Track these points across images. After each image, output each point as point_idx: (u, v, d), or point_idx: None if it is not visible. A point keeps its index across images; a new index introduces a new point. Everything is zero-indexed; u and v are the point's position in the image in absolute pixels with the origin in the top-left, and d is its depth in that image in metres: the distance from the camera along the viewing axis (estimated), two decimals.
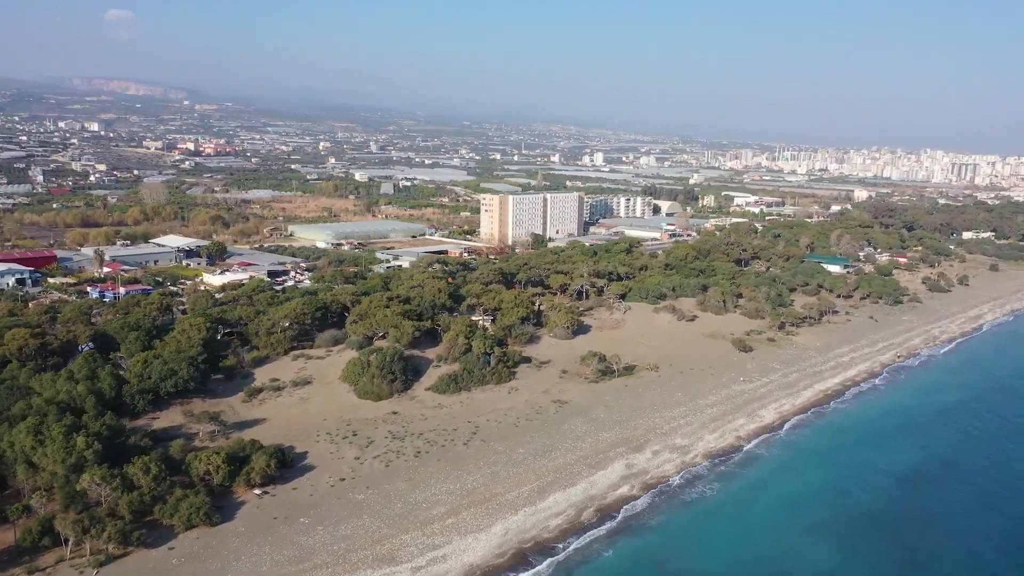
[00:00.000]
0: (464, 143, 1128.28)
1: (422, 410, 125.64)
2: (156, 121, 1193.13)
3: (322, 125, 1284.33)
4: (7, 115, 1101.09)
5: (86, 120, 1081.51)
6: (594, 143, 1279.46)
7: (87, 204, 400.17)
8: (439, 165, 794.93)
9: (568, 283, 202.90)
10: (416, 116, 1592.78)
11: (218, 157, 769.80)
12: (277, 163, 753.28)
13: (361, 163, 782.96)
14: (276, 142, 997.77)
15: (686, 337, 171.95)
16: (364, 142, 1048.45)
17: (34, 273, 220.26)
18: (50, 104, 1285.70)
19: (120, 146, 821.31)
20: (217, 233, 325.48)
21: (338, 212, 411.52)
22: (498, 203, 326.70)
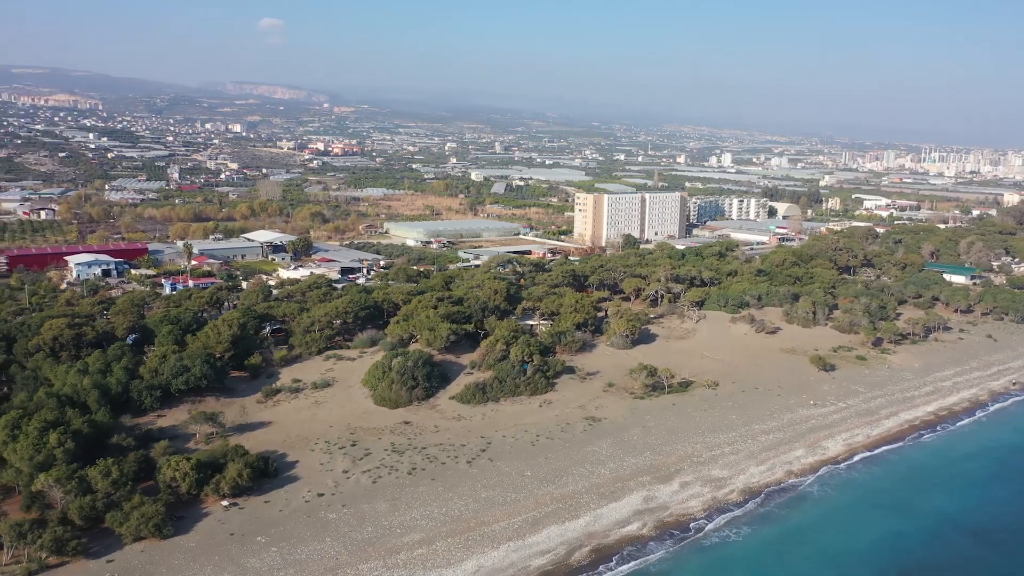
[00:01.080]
0: (590, 144, 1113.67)
1: (438, 421, 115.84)
2: (296, 123, 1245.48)
3: (452, 126, 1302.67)
4: (163, 118, 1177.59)
5: (232, 122, 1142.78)
6: (725, 144, 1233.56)
7: (205, 200, 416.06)
8: (559, 165, 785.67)
9: (642, 288, 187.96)
10: (545, 117, 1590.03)
11: (345, 157, 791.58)
12: (400, 162, 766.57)
13: (482, 163, 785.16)
14: (405, 143, 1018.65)
15: (760, 351, 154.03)
16: (490, 143, 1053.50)
17: (122, 265, 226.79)
18: (203, 107, 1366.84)
19: (256, 146, 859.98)
20: (314, 229, 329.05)
21: (441, 210, 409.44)
22: (592, 203, 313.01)
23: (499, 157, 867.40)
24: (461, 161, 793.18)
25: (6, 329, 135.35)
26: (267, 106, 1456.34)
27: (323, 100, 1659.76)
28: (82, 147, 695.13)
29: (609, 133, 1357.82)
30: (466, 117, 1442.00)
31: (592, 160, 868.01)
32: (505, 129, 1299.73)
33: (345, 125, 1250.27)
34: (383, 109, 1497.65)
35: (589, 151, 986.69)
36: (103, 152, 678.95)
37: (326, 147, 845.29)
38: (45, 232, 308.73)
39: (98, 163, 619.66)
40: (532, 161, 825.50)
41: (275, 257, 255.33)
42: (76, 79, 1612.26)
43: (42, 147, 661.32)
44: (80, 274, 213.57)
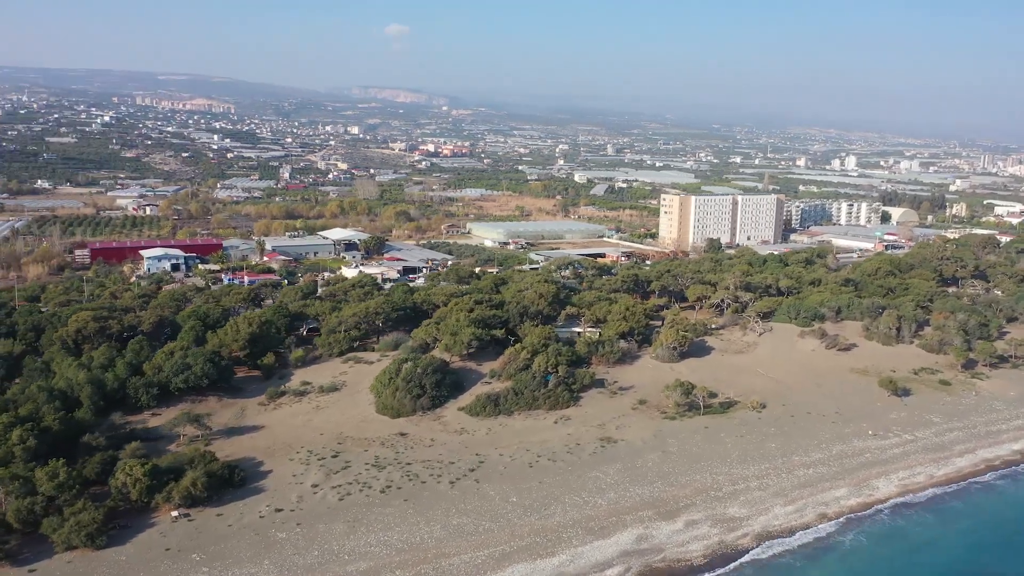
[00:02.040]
0: (707, 146, 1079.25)
1: (437, 434, 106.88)
2: (414, 125, 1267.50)
3: (566, 129, 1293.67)
4: (289, 120, 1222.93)
5: (353, 124, 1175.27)
6: (852, 147, 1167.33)
7: (302, 198, 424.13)
8: (669, 168, 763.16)
9: (707, 295, 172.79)
10: (663, 120, 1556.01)
11: (454, 158, 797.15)
12: (507, 164, 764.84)
13: (590, 165, 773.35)
14: (517, 145, 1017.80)
15: (826, 370, 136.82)
16: (602, 145, 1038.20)
17: (193, 259, 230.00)
18: (327, 111, 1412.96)
19: (370, 147, 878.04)
20: (396, 228, 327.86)
21: (532, 211, 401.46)
22: (678, 205, 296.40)
23: (609, 159, 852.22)
24: (569, 163, 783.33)
25: (36, 320, 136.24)
26: (388, 109, 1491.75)
27: (443, 103, 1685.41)
28: (206, 148, 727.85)
29: (728, 135, 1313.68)
30: (581, 120, 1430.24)
31: (705, 163, 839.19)
32: (620, 131, 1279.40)
33: (461, 128, 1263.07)
34: (499, 112, 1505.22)
35: (704, 153, 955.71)
36: (224, 152, 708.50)
37: (436, 149, 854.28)
38: (143, 227, 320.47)
39: (217, 163, 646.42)
40: (642, 163, 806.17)
41: (346, 255, 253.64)
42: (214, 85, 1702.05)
43: (169, 148, 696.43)
44: (150, 267, 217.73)
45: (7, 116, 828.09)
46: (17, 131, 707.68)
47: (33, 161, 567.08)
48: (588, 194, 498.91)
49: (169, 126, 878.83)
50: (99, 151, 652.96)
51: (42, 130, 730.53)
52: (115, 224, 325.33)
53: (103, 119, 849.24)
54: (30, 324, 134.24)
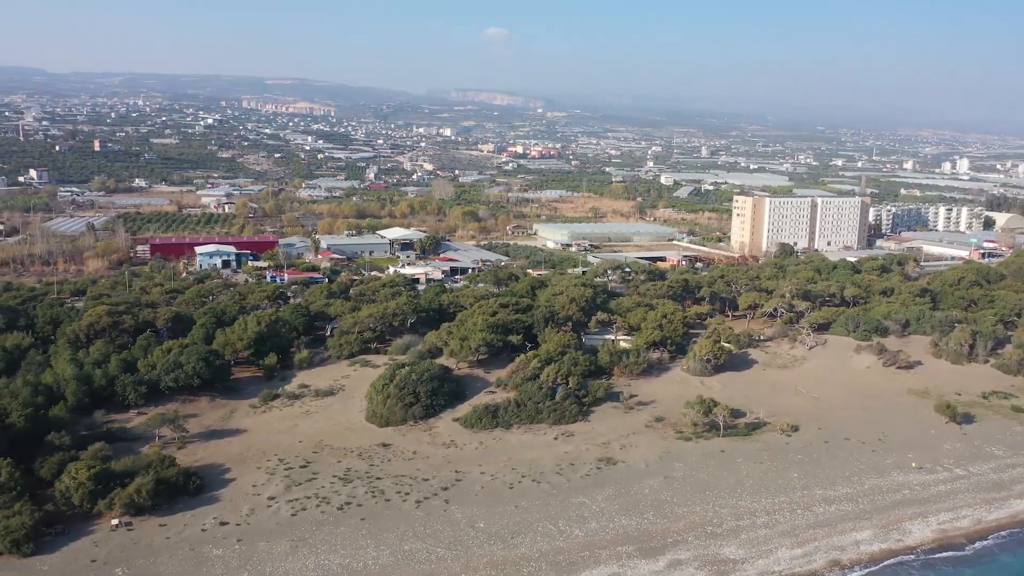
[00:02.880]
0: (808, 149, 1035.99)
1: (422, 446, 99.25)
2: (508, 128, 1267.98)
3: (662, 131, 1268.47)
4: (386, 123, 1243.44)
5: (447, 126, 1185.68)
6: (967, 149, 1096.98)
7: (378, 198, 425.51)
8: (764, 170, 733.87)
9: (760, 303, 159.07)
10: (764, 121, 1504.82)
11: (541, 159, 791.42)
12: (595, 165, 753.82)
13: (681, 167, 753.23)
14: (610, 146, 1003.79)
15: (879, 390, 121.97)
16: (697, 147, 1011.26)
17: (246, 256, 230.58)
18: (423, 113, 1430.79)
19: (460, 149, 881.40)
20: (461, 228, 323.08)
21: (606, 213, 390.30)
22: (751, 206, 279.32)
23: (701, 161, 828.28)
24: (658, 165, 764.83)
25: (55, 313, 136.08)
26: (483, 112, 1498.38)
27: (538, 106, 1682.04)
28: (299, 149, 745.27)
29: (833, 137, 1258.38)
30: (678, 121, 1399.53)
31: (803, 165, 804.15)
32: (718, 134, 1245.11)
33: (555, 129, 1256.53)
34: (595, 114, 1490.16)
35: (804, 156, 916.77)
36: (315, 153, 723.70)
37: (524, 150, 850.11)
38: (215, 224, 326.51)
39: (307, 163, 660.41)
40: (735, 166, 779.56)
41: (401, 255, 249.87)
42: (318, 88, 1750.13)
43: (263, 149, 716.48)
44: (202, 263, 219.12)
45: (119, 119, 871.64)
46: (125, 133, 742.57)
47: (135, 161, 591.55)
48: (671, 196, 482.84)
49: (267, 128, 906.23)
50: (198, 152, 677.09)
51: (148, 132, 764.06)
52: (190, 221, 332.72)
53: (206, 122, 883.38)
54: (48, 317, 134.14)
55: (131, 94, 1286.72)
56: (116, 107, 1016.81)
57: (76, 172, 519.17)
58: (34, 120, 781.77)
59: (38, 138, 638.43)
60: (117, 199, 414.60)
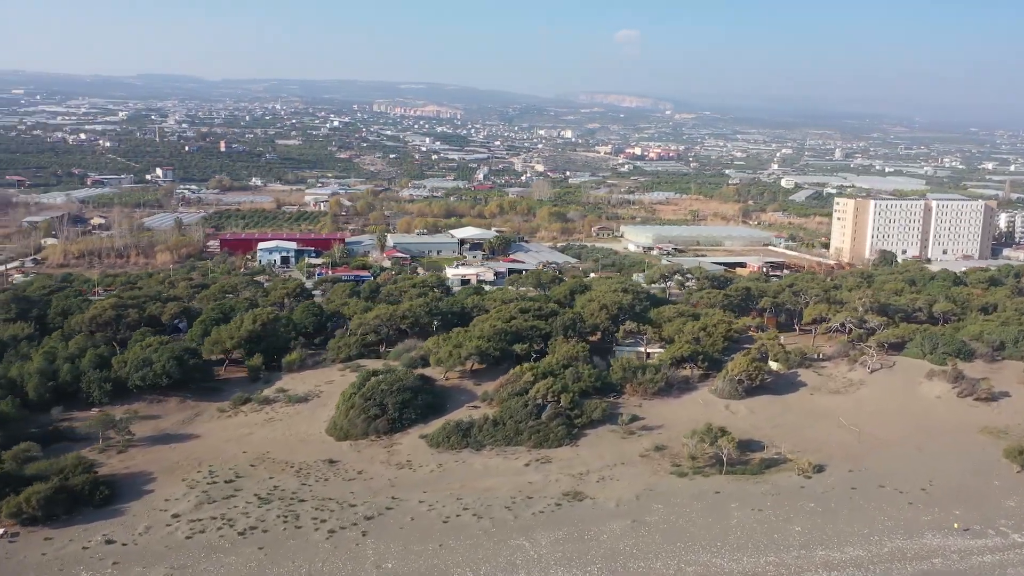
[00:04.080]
0: (957, 151, 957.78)
1: (373, 465, 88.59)
2: (633, 129, 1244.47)
3: (795, 132, 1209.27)
4: (510, 125, 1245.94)
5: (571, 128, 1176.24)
6: None
7: (473, 198, 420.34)
8: (901, 173, 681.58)
9: (827, 317, 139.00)
10: (909, 123, 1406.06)
11: (659, 161, 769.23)
12: (715, 168, 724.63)
13: (809, 170, 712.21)
14: (736, 148, 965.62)
15: (943, 426, 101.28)
16: (831, 149, 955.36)
17: (310, 253, 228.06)
18: (548, 115, 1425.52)
19: (577, 150, 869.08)
20: (544, 228, 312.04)
21: (706, 216, 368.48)
22: (852, 209, 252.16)
23: (832, 164, 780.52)
24: (785, 167, 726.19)
25: (66, 305, 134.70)
26: (609, 114, 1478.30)
27: (667, 107, 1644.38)
28: (415, 150, 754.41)
29: (986, 139, 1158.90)
30: (814, 123, 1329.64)
31: (947, 168, 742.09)
32: (856, 135, 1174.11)
33: (680, 131, 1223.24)
34: (725, 115, 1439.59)
35: (950, 159, 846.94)
36: (430, 154, 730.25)
37: (643, 152, 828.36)
38: (303, 221, 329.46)
39: (420, 164, 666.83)
40: (869, 169, 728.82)
41: (469, 255, 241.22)
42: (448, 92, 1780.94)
43: (380, 150, 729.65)
44: (262, 259, 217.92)
45: (252, 121, 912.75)
46: (254, 134, 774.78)
47: (256, 161, 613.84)
48: (786, 200, 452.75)
49: (388, 130, 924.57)
50: (318, 152, 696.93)
51: (275, 133, 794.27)
52: (281, 218, 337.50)
53: (332, 124, 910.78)
54: (60, 308, 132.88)
55: (272, 99, 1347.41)
56: (254, 111, 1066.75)
57: (200, 171, 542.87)
58: (175, 123, 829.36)
59: (172, 139, 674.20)
60: (227, 197, 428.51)
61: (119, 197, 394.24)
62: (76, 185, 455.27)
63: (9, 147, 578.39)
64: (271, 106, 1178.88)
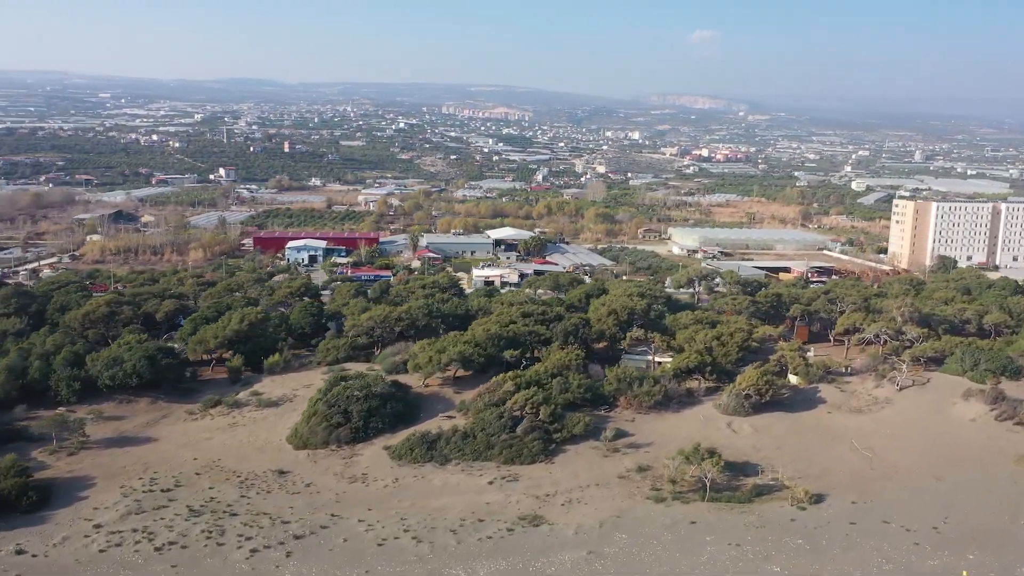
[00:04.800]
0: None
1: (324, 478, 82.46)
2: (704, 131, 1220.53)
3: (874, 134, 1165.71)
4: (578, 126, 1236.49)
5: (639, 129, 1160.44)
6: None
7: (526, 199, 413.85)
8: (984, 176, 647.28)
9: (860, 327, 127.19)
10: (999, 125, 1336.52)
11: (726, 163, 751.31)
12: (785, 169, 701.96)
13: (885, 172, 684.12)
14: (809, 150, 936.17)
15: (972, 454, 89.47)
16: (909, 151, 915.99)
17: (340, 251, 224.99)
18: (618, 117, 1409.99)
19: (642, 152, 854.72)
20: (587, 230, 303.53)
21: (763, 219, 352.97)
22: (912, 212, 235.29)
23: (910, 167, 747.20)
24: (857, 169, 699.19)
25: (65, 300, 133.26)
26: (680, 115, 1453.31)
27: (741, 109, 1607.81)
28: (477, 151, 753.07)
29: None
30: (894, 125, 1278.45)
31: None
32: (940, 137, 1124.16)
33: (753, 133, 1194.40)
34: (800, 117, 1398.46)
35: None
36: (491, 155, 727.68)
37: (710, 153, 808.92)
38: (347, 220, 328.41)
39: (480, 165, 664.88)
40: (950, 171, 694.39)
41: (502, 255, 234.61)
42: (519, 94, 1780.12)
43: (442, 151, 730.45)
44: (290, 257, 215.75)
45: (321, 123, 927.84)
46: (320, 136, 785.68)
47: (317, 162, 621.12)
48: (854, 203, 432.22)
49: (452, 131, 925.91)
50: (380, 153, 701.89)
51: (341, 135, 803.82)
52: (326, 217, 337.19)
53: (398, 125, 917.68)
54: (59, 304, 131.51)
55: (345, 101, 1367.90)
56: (324, 113, 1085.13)
57: (262, 171, 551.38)
58: (245, 125, 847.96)
59: (239, 140, 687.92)
60: (282, 196, 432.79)
61: (176, 196, 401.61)
62: (141, 184, 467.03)
63: (84, 147, 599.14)
64: (342, 108, 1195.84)
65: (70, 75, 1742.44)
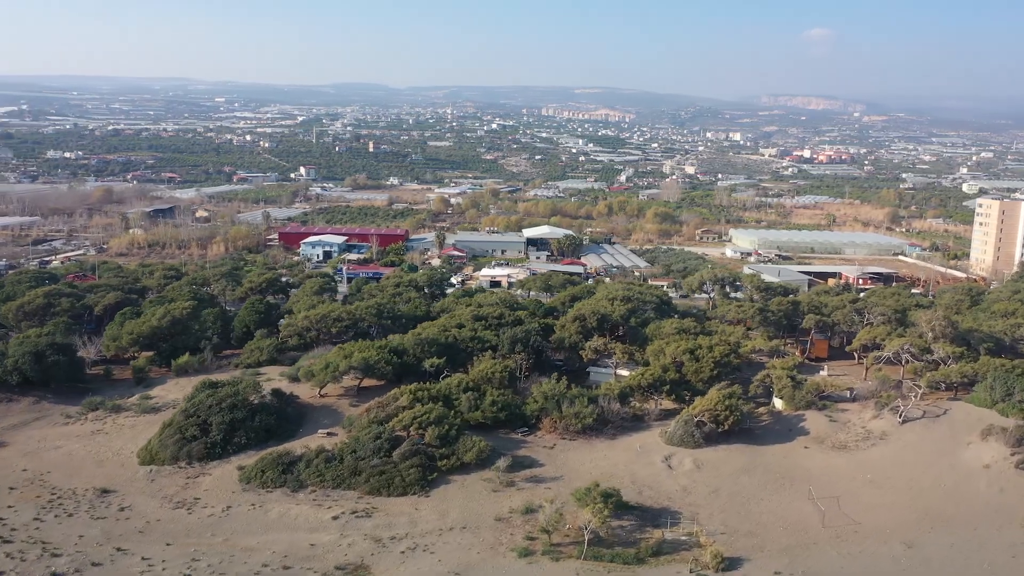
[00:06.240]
0: None
1: (148, 502, 70.26)
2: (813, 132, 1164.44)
3: (1003, 136, 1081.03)
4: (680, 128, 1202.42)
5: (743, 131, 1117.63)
6: None
7: (594, 198, 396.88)
8: None
9: (879, 343, 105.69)
10: None
11: (829, 165, 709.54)
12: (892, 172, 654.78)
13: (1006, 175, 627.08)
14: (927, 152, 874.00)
15: (967, 510, 68.60)
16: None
17: (359, 247, 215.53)
18: (723, 119, 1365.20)
19: (740, 154, 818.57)
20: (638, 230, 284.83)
21: (844, 221, 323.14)
22: (997, 212, 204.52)
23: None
24: (974, 172, 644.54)
25: (11, 292, 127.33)
26: (790, 116, 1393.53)
27: (856, 109, 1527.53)
28: (564, 152, 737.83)
29: None
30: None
31: None
32: None
33: (867, 134, 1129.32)
34: (921, 117, 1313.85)
35: None
36: (578, 156, 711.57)
37: (811, 154, 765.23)
38: (398, 218, 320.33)
39: (564, 165, 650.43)
40: None
41: (533, 254, 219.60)
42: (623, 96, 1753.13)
43: (529, 151, 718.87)
44: (304, 253, 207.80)
45: (415, 124, 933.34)
46: (410, 136, 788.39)
47: (401, 162, 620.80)
48: (958, 206, 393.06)
49: (544, 132, 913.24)
50: (466, 154, 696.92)
51: (431, 135, 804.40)
52: (378, 215, 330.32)
53: (490, 126, 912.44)
54: (4, 296, 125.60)
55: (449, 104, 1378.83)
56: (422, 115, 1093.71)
57: (343, 170, 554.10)
58: (341, 126, 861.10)
59: (327, 141, 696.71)
60: (352, 194, 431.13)
61: (245, 193, 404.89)
62: (222, 182, 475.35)
63: (179, 147, 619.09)
64: (442, 111, 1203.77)
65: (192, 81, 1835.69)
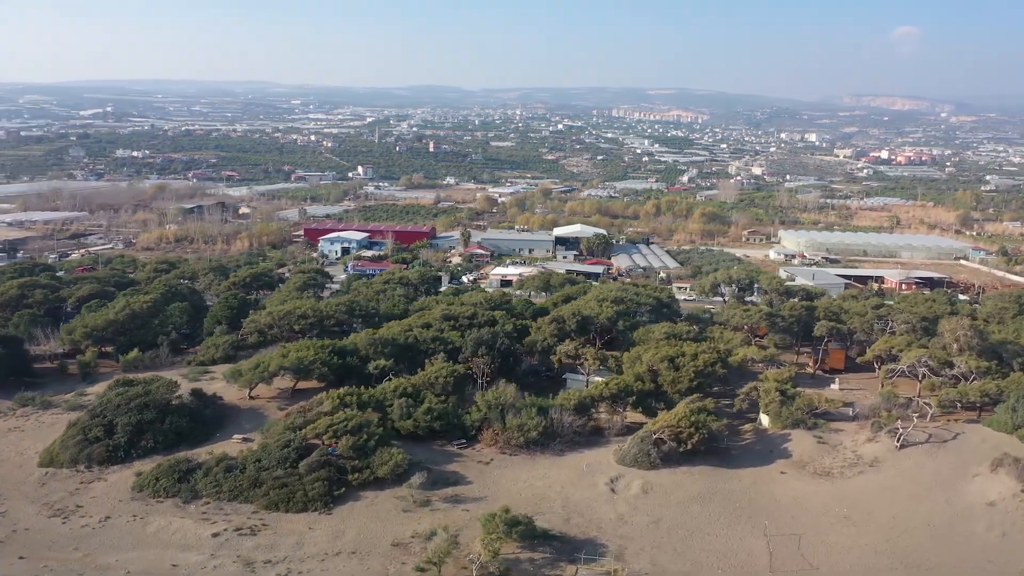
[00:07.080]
0: None
1: (27, 507, 64.63)
2: (895, 133, 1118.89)
3: None
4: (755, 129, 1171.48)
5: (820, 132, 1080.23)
6: None
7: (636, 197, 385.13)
8: None
9: (895, 353, 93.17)
10: None
11: (907, 166, 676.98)
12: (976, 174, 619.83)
13: None
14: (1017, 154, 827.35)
15: (956, 558, 56.94)
16: None
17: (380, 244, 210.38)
18: (800, 120, 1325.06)
19: (814, 155, 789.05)
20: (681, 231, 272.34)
21: (908, 223, 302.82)
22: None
23: None
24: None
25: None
26: (871, 117, 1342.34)
27: (944, 110, 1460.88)
28: (628, 152, 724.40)
29: None
30: None
31: None
32: None
33: (953, 135, 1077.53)
34: (1013, 118, 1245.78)
35: None
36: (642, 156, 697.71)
37: (889, 156, 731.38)
38: (438, 216, 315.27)
39: (626, 166, 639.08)
40: None
41: (560, 253, 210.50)
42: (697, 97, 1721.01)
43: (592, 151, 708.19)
44: (323, 249, 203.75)
45: (481, 124, 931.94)
46: (473, 136, 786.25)
47: (460, 162, 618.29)
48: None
49: (609, 132, 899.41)
50: (527, 154, 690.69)
51: (494, 135, 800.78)
52: (421, 213, 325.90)
53: (555, 127, 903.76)
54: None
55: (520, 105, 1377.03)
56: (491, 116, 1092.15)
57: (402, 169, 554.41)
58: (407, 127, 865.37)
59: (388, 141, 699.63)
60: (405, 192, 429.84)
61: (296, 191, 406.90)
62: (280, 180, 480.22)
63: (244, 147, 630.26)
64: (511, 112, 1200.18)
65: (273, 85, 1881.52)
